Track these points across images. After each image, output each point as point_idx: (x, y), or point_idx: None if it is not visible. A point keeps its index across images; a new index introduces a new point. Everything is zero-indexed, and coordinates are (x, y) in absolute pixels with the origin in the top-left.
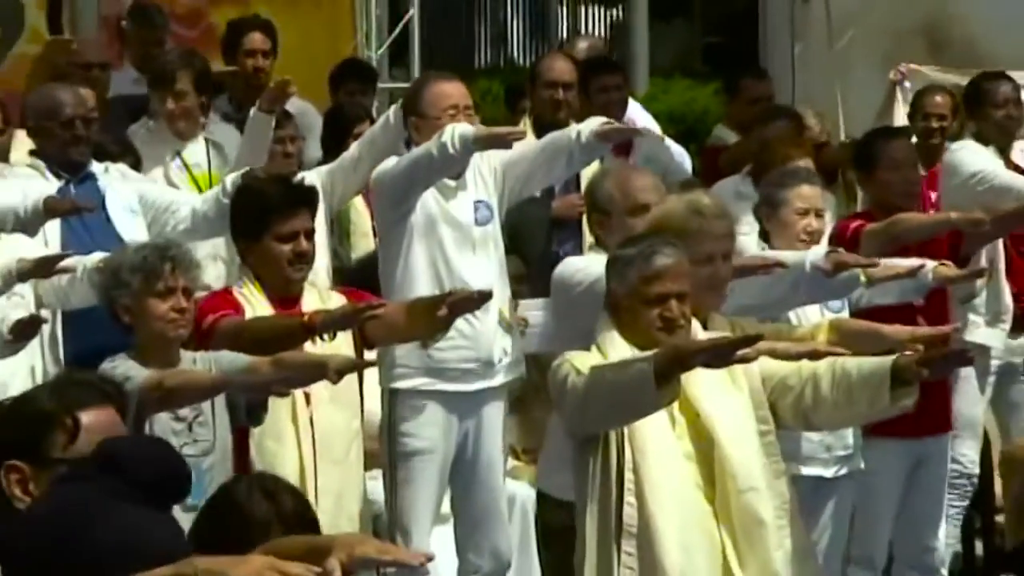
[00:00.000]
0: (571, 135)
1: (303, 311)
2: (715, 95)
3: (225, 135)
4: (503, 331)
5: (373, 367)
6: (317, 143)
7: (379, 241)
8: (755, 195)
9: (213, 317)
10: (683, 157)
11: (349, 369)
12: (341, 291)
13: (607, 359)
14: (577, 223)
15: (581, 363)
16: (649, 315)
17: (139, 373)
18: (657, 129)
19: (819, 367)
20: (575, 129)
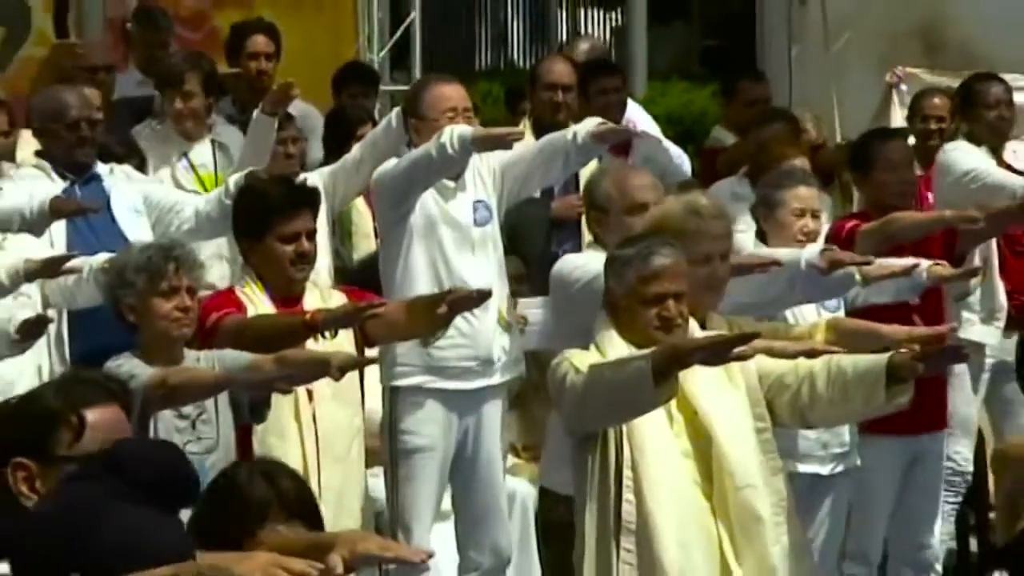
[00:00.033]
0: (567, 136)
1: (305, 309)
2: (713, 97)
3: (229, 137)
4: (502, 330)
5: (374, 365)
6: (319, 145)
7: (380, 241)
8: (752, 196)
9: (216, 316)
10: (682, 159)
11: (351, 366)
12: (342, 290)
13: (606, 358)
14: (576, 223)
15: (580, 362)
16: (647, 315)
17: (144, 371)
18: (657, 130)
19: (815, 365)
20: (572, 130)
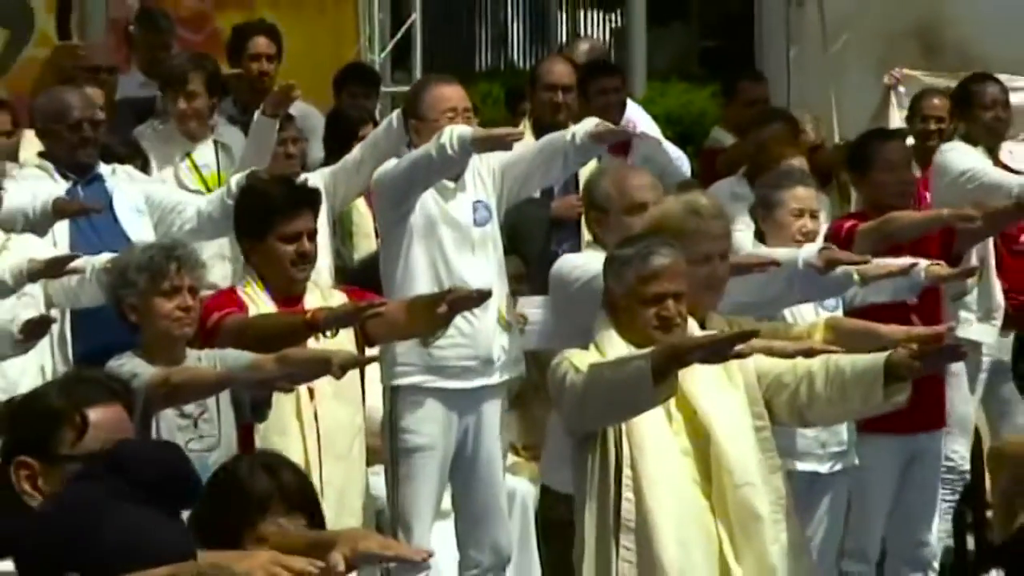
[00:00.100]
0: (566, 137)
1: (306, 309)
2: (712, 98)
3: (231, 137)
4: (502, 330)
5: (375, 364)
6: (320, 145)
7: (380, 241)
8: (751, 196)
9: (218, 315)
10: (681, 159)
11: (352, 365)
12: (343, 290)
13: (605, 357)
14: (576, 223)
15: (579, 361)
16: (646, 314)
17: (146, 370)
18: (656, 131)
19: (813, 364)
20: (570, 131)
